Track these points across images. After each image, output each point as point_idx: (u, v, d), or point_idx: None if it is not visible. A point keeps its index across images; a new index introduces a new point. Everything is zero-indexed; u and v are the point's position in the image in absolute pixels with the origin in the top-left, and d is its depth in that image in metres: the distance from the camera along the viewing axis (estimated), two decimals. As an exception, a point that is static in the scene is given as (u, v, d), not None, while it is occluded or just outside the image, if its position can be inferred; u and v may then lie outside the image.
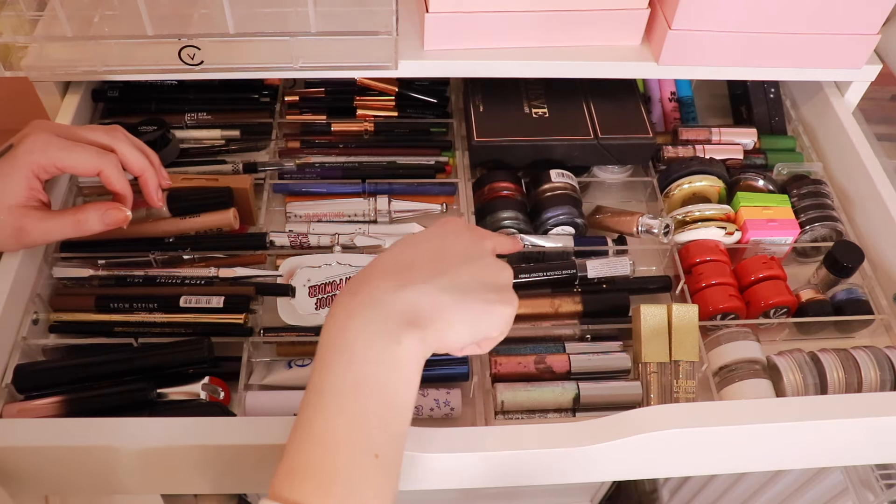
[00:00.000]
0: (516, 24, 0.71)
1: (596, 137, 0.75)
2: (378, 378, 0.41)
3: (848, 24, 0.71)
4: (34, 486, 0.59)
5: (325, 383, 0.41)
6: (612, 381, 0.63)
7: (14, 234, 0.58)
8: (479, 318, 0.44)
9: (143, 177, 0.62)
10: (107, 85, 0.77)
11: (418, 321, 0.42)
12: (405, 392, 0.42)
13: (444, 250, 0.46)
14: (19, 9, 0.66)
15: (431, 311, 0.42)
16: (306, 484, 0.39)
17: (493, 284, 0.46)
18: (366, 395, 0.41)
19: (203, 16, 0.69)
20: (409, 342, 0.41)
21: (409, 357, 0.42)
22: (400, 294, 0.43)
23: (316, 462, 0.39)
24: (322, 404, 0.41)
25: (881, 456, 0.68)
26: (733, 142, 0.81)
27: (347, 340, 0.42)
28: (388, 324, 0.42)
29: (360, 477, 0.40)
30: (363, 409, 0.40)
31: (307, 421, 0.41)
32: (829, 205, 0.74)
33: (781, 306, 0.67)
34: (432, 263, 0.45)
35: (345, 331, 0.42)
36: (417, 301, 0.42)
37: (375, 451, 0.40)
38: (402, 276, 0.44)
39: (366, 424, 0.40)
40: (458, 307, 0.43)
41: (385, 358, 0.41)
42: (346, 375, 0.41)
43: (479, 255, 0.47)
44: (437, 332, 0.42)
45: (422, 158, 0.78)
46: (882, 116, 0.91)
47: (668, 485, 1.43)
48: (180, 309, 0.62)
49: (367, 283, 0.44)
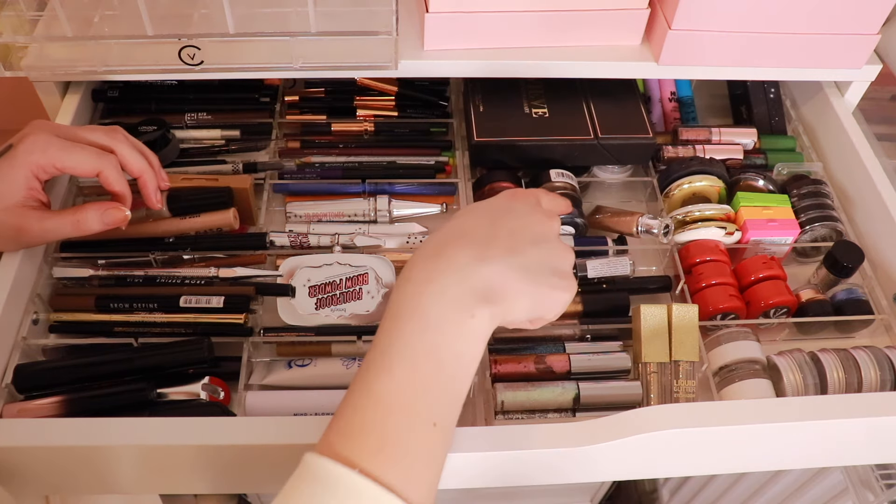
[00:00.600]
0: (516, 24, 0.71)
1: (596, 137, 0.75)
2: (449, 347, 0.41)
3: (848, 24, 0.71)
4: (34, 486, 0.59)
5: (393, 345, 0.41)
6: (612, 381, 0.63)
7: (13, 234, 0.58)
8: (542, 301, 0.45)
9: (142, 178, 0.62)
10: (107, 85, 0.77)
11: (492, 297, 0.42)
12: (470, 365, 0.42)
13: (520, 229, 0.46)
14: (19, 9, 0.66)
15: (504, 289, 0.43)
16: (361, 443, 0.38)
17: (559, 269, 0.46)
18: (434, 364, 0.41)
19: (203, 16, 0.69)
20: (481, 317, 0.42)
21: (480, 332, 0.42)
22: (479, 266, 0.43)
23: (374, 422, 0.39)
24: (388, 366, 0.40)
25: (881, 456, 0.68)
26: (733, 142, 0.81)
27: (423, 305, 0.41)
28: (464, 295, 0.42)
29: (417, 443, 0.39)
30: (429, 377, 0.40)
31: (369, 381, 0.40)
32: (829, 205, 0.74)
33: (781, 306, 0.67)
34: (509, 240, 0.45)
35: (420, 294, 0.42)
36: (494, 277, 0.43)
37: (434, 420, 0.40)
38: (482, 247, 0.44)
39: (430, 392, 0.40)
40: (527, 288, 0.44)
41: (459, 329, 0.41)
42: (417, 340, 0.41)
43: (549, 237, 0.47)
44: (504, 309, 0.43)
45: (422, 158, 0.78)
46: (882, 116, 0.91)
47: (668, 485, 1.43)
48: (180, 309, 0.62)
49: (447, 247, 0.44)
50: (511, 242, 0.45)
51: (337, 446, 0.39)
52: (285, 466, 0.57)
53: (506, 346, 0.66)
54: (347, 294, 0.65)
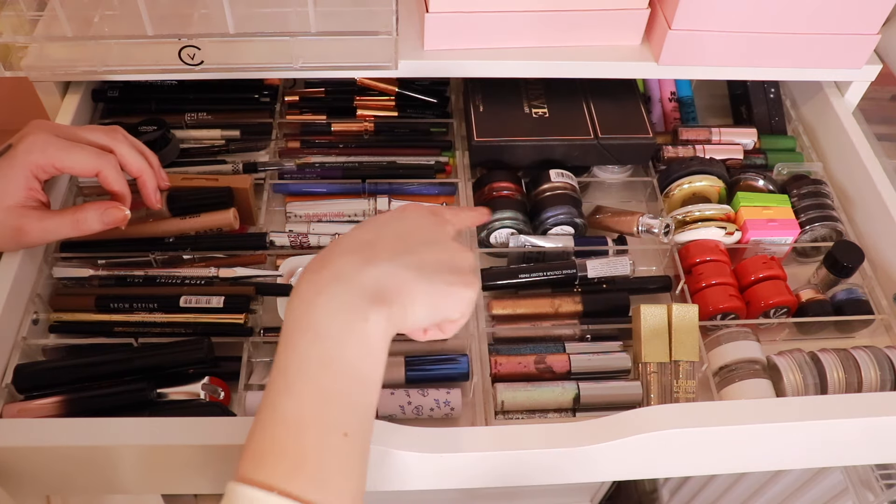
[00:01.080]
0: (516, 24, 0.71)
1: (596, 137, 0.75)
2: (345, 355, 0.40)
3: (848, 24, 0.71)
4: (35, 486, 0.59)
5: (290, 362, 0.40)
6: (612, 381, 0.63)
7: (13, 234, 0.58)
8: (441, 300, 0.44)
9: (141, 178, 0.62)
10: (107, 85, 0.77)
11: (384, 297, 0.41)
12: (372, 369, 0.41)
13: (407, 232, 0.46)
14: (19, 9, 0.66)
15: (396, 288, 0.42)
16: (274, 465, 0.38)
17: (454, 266, 0.46)
18: (332, 374, 0.40)
19: (203, 16, 0.69)
20: (375, 318, 0.41)
21: (376, 334, 0.41)
22: (365, 270, 0.42)
23: (283, 443, 0.39)
24: (287, 384, 0.40)
25: (881, 456, 0.68)
26: (733, 142, 0.81)
27: (312, 317, 0.41)
28: (353, 300, 0.41)
29: (329, 456, 0.39)
30: (330, 388, 0.40)
31: (273, 402, 0.40)
32: (829, 205, 0.74)
33: (781, 306, 0.67)
34: (396, 242, 0.45)
35: (309, 306, 0.41)
36: (382, 277, 0.42)
37: (344, 430, 0.39)
38: (367, 252, 0.43)
39: (333, 403, 0.40)
40: (421, 286, 0.43)
41: (352, 335, 0.40)
42: (311, 353, 0.40)
43: (440, 238, 0.47)
44: (400, 309, 0.42)
45: (422, 158, 0.78)
46: (882, 116, 0.91)
47: (668, 485, 1.43)
48: (180, 309, 0.62)
49: (332, 259, 0.43)
50: (401, 244, 0.44)
51: (250, 471, 0.38)
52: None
53: (506, 346, 0.66)
54: (347, 294, 0.65)
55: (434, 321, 0.45)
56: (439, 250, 0.46)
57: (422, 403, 0.61)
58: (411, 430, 0.52)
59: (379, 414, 0.60)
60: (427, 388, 0.61)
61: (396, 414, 0.61)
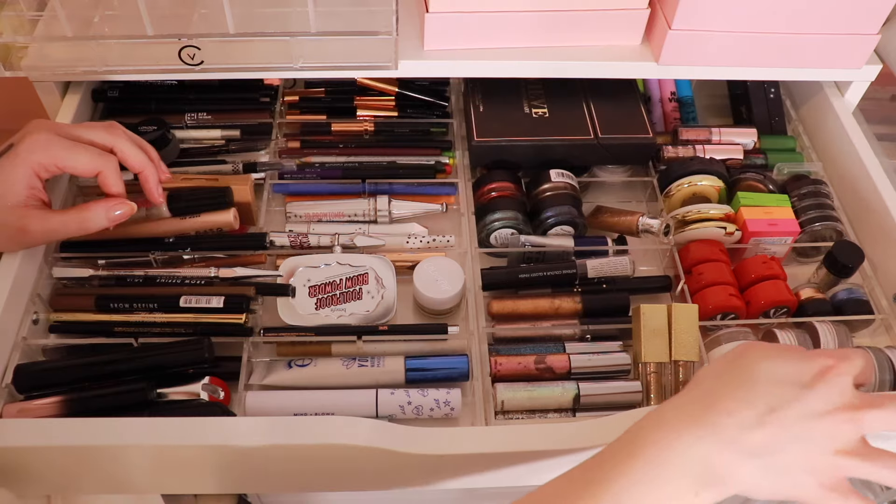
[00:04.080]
0: (516, 24, 0.71)
1: (596, 137, 0.75)
2: None
3: (848, 25, 0.71)
4: (35, 486, 0.59)
5: (615, 480, 0.39)
6: (612, 381, 0.63)
7: (15, 234, 0.58)
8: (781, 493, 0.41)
9: (143, 173, 0.62)
10: (107, 85, 0.77)
11: (723, 481, 0.39)
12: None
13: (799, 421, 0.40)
14: (19, 9, 0.66)
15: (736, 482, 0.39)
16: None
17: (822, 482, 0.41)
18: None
19: (203, 16, 0.69)
20: (708, 496, 0.39)
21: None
22: (722, 451, 0.39)
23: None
24: (597, 495, 0.39)
25: (881, 456, 0.68)
26: (733, 142, 0.81)
27: (658, 457, 0.39)
28: (702, 467, 0.39)
29: None
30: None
31: (575, 499, 0.39)
32: (829, 205, 0.74)
33: (781, 306, 0.67)
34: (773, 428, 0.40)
35: (660, 443, 0.40)
36: (732, 469, 0.39)
37: None
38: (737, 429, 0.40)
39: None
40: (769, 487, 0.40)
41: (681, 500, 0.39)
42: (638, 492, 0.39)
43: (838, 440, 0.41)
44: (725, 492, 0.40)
45: (422, 158, 0.78)
46: (882, 116, 0.91)
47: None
48: (180, 309, 0.62)
49: (711, 408, 0.40)
50: (779, 437, 0.39)
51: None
52: (285, 466, 0.57)
53: (506, 346, 0.66)
54: (347, 294, 0.65)
55: None
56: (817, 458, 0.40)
57: (422, 403, 0.61)
58: (411, 430, 0.52)
59: (379, 414, 0.60)
60: (427, 388, 0.61)
61: (396, 414, 0.61)
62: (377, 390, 0.61)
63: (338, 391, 0.61)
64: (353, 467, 0.57)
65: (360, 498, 0.96)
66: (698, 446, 0.39)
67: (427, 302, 0.66)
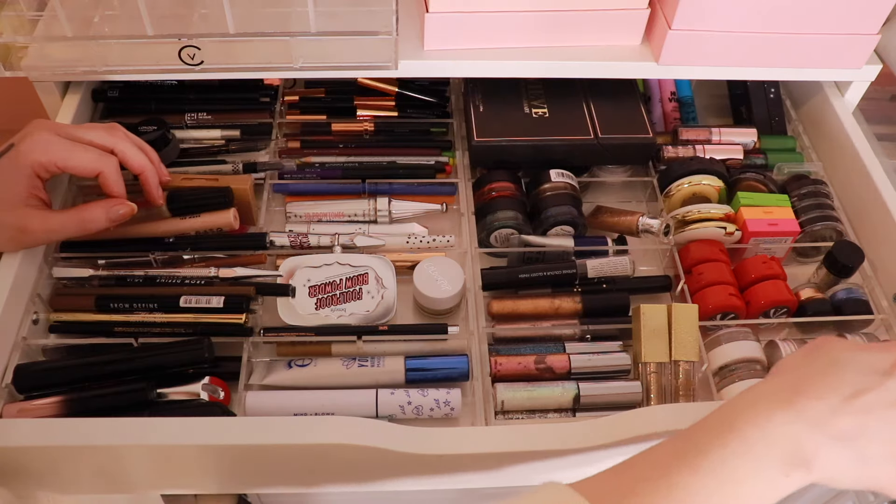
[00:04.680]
0: (516, 24, 0.71)
1: (596, 137, 0.75)
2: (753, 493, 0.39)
3: (848, 24, 0.71)
4: (35, 486, 0.59)
5: (708, 455, 0.40)
6: (612, 381, 0.63)
7: (15, 234, 0.58)
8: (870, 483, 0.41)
9: (143, 174, 0.62)
10: (107, 85, 0.77)
11: (811, 465, 0.40)
12: None
13: None
14: (19, 9, 0.66)
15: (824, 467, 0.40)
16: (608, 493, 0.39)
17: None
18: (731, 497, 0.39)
19: (203, 16, 0.69)
20: (794, 478, 0.40)
21: (781, 490, 0.40)
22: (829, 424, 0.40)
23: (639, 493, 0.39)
24: (691, 469, 0.39)
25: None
26: (733, 142, 0.81)
27: (751, 436, 0.40)
28: (795, 447, 0.40)
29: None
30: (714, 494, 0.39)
31: (668, 471, 0.40)
32: (829, 205, 0.74)
33: (781, 306, 0.67)
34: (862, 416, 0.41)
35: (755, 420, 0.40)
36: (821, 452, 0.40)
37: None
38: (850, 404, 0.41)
39: None
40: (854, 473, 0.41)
41: (766, 477, 0.40)
42: (731, 466, 0.39)
43: None
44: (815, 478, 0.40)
45: (422, 158, 0.78)
46: (882, 116, 0.91)
47: (668, 485, 1.43)
48: (180, 309, 0.62)
49: (816, 385, 0.41)
50: (865, 421, 0.40)
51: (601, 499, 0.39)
52: (285, 466, 0.57)
53: (506, 346, 0.66)
54: (347, 294, 0.65)
55: None
56: None
57: (422, 403, 0.61)
58: (411, 430, 0.52)
59: (379, 414, 0.60)
60: (427, 388, 0.61)
61: (396, 414, 0.61)
62: (377, 390, 0.61)
63: (338, 391, 0.61)
64: (352, 467, 0.57)
65: (360, 498, 0.96)
66: (790, 427, 0.40)
67: (427, 302, 0.66)
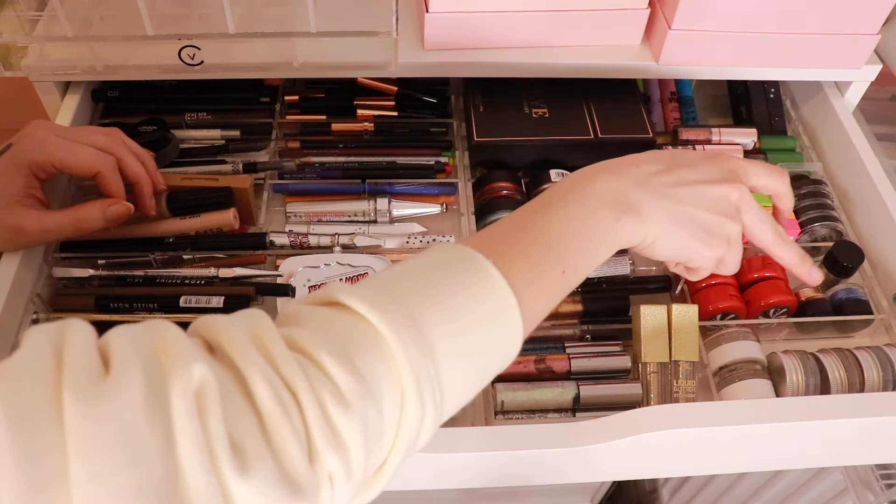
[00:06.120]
0: (516, 24, 0.71)
1: (596, 137, 0.75)
2: (595, 225, 0.44)
3: (848, 25, 0.71)
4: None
5: (555, 197, 0.45)
6: (612, 381, 0.63)
7: (12, 233, 0.58)
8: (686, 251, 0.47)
9: (137, 184, 0.62)
10: (107, 85, 0.77)
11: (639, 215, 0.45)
12: (602, 252, 0.45)
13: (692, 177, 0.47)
14: (19, 9, 0.66)
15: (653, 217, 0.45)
16: (503, 247, 0.42)
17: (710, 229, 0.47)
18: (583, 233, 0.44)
19: (203, 16, 0.69)
20: (624, 223, 0.44)
21: (619, 236, 0.45)
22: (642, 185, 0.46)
23: (522, 243, 0.43)
24: (546, 209, 0.45)
25: (881, 456, 0.68)
26: (733, 142, 0.81)
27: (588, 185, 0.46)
28: (617, 199, 0.45)
29: (545, 273, 0.43)
30: (575, 234, 0.44)
31: (525, 217, 0.45)
32: (829, 205, 0.74)
33: (781, 306, 0.67)
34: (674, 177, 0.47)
35: (589, 177, 0.47)
36: (647, 198, 0.45)
37: (564, 268, 0.43)
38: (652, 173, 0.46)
39: (571, 245, 0.44)
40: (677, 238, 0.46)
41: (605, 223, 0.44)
42: (574, 204, 0.45)
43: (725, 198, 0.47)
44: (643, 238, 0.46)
45: (422, 158, 0.78)
46: (882, 116, 0.91)
47: (668, 485, 1.43)
48: (180, 309, 0.62)
49: (625, 162, 0.48)
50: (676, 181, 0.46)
51: (481, 246, 0.42)
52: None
53: (506, 346, 0.66)
54: (347, 294, 0.65)
55: (677, 261, 0.49)
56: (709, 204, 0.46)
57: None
58: (411, 430, 0.52)
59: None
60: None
61: (396, 414, 0.60)
62: (377, 390, 0.61)
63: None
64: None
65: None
66: (614, 184, 0.46)
67: (427, 302, 0.66)
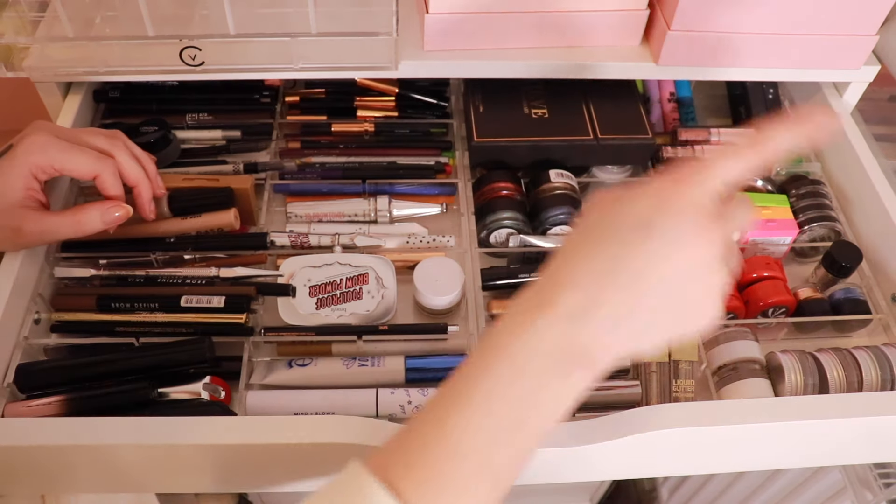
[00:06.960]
0: (516, 24, 0.71)
1: (595, 138, 0.75)
2: (536, 405, 0.37)
3: (846, 25, 0.72)
4: (35, 485, 0.59)
5: (478, 387, 0.37)
6: (611, 381, 0.64)
7: (11, 234, 0.58)
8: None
9: (137, 188, 0.62)
10: (108, 86, 0.78)
11: (593, 358, 0.37)
12: (551, 426, 0.38)
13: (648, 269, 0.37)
14: (21, 10, 0.66)
15: (604, 352, 0.38)
16: (416, 475, 0.36)
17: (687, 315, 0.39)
18: (515, 421, 0.37)
19: (203, 16, 0.69)
20: (577, 378, 0.38)
21: (571, 395, 0.38)
22: (587, 318, 0.37)
23: (436, 461, 0.36)
24: (464, 407, 0.37)
25: (879, 455, 0.69)
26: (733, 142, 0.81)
27: (515, 350, 0.37)
28: (564, 355, 0.37)
29: (473, 494, 0.37)
30: (505, 431, 0.37)
31: (444, 415, 0.37)
32: (827, 205, 0.75)
33: (780, 306, 0.67)
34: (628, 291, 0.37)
35: (517, 338, 0.37)
36: (596, 339, 0.37)
37: (497, 474, 0.37)
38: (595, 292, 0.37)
39: (501, 446, 0.37)
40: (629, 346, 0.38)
41: (548, 389, 0.37)
42: (504, 389, 0.37)
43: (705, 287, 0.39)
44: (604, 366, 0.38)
45: (422, 159, 0.78)
46: (880, 117, 0.91)
47: (667, 484, 1.43)
48: (181, 309, 0.62)
49: (557, 289, 0.38)
50: (631, 295, 0.37)
51: (391, 471, 0.36)
52: (286, 466, 0.57)
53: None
54: (348, 294, 0.66)
55: None
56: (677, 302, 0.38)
57: (422, 403, 0.61)
58: (411, 430, 0.52)
59: (379, 413, 0.60)
60: (427, 388, 0.62)
61: (396, 414, 0.61)
62: (377, 390, 0.61)
63: (338, 391, 0.61)
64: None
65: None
66: (551, 330, 0.37)
67: (427, 302, 0.66)
